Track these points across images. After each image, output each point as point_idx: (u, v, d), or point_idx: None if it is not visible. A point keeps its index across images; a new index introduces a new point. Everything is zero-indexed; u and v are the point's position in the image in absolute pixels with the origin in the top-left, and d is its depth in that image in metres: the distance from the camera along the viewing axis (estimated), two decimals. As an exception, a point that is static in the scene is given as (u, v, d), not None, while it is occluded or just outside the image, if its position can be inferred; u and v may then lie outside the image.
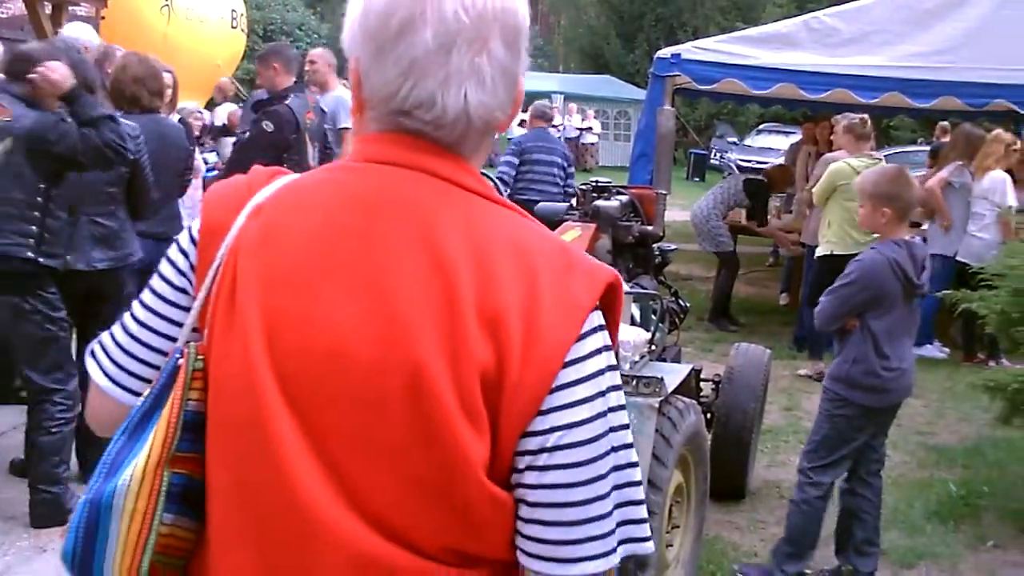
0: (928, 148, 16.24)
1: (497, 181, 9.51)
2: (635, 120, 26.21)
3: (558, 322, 1.51)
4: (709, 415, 6.12)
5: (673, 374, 4.65)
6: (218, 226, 1.62)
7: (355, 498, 1.51)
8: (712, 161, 33.47)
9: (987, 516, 6.35)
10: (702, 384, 6.33)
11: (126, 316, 1.72)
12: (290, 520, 1.51)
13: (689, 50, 11.24)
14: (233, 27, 15.25)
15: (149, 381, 1.66)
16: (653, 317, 5.30)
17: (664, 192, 6.53)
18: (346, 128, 9.33)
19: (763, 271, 15.16)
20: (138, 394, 1.66)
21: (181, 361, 1.60)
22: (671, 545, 4.78)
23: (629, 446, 1.60)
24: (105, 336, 1.73)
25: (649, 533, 1.63)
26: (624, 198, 6.33)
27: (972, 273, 7.15)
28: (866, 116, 9.09)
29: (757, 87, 11.33)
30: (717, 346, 10.12)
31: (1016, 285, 6.25)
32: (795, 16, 12.24)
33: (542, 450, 1.51)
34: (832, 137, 10.60)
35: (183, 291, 1.67)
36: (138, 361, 1.69)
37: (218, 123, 12.57)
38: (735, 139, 36.66)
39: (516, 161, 10.85)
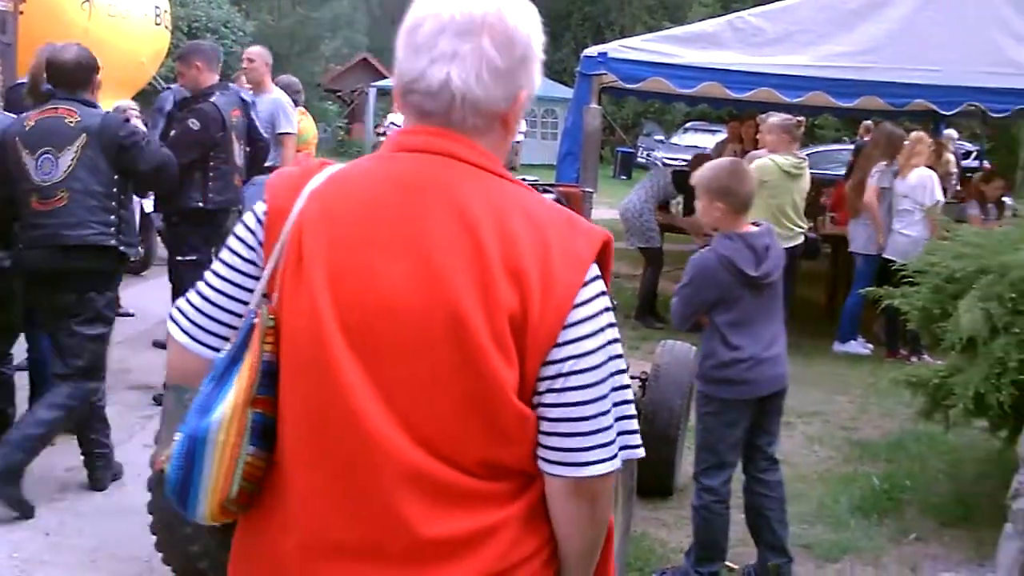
0: (852, 147, 16.46)
1: None
2: (562, 118, 26.26)
3: (566, 272, 1.92)
4: (636, 412, 6.13)
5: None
6: (281, 208, 2.01)
7: (407, 423, 1.90)
8: (639, 159, 33.77)
9: (909, 510, 6.43)
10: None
11: (201, 286, 2.12)
12: (353, 442, 1.90)
13: (616, 49, 11.24)
14: (157, 24, 15.00)
15: (225, 339, 2.06)
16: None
17: (591, 190, 6.54)
18: (286, 133, 9.25)
19: (690, 269, 15.26)
20: (216, 349, 2.06)
21: (256, 320, 1.99)
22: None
23: (624, 371, 2.05)
24: (181, 303, 2.13)
25: (640, 442, 2.07)
26: (551, 196, 6.34)
27: (895, 270, 7.24)
28: (802, 118, 9.17)
29: (683, 86, 11.37)
30: (644, 344, 10.15)
31: (936, 282, 6.34)
32: (721, 16, 12.30)
33: (559, 375, 1.93)
34: (758, 135, 10.70)
35: (253, 263, 2.06)
36: (216, 322, 2.09)
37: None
38: (662, 137, 36.93)
39: None
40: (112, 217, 5.86)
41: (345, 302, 1.91)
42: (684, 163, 29.11)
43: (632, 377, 6.31)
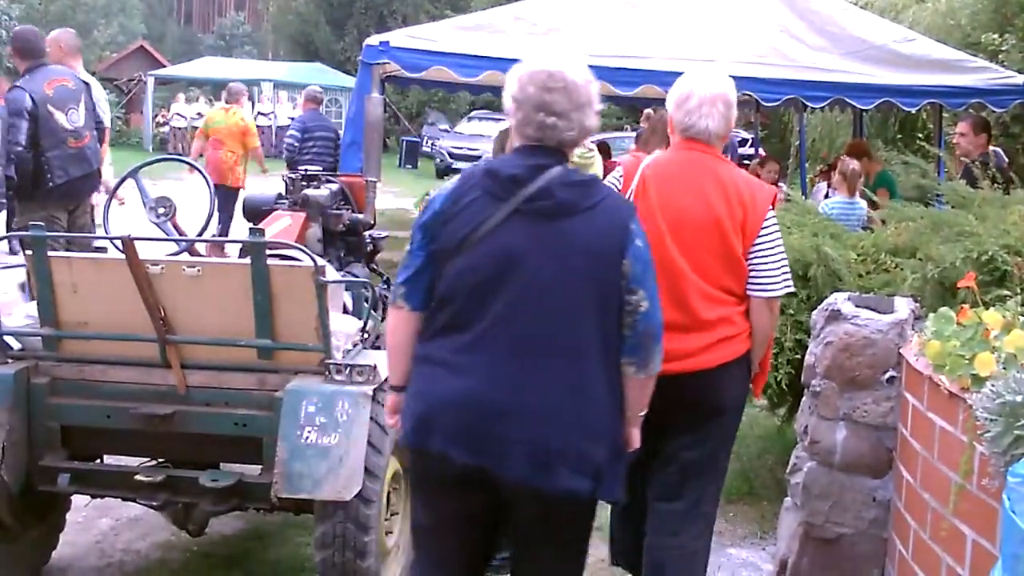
0: (635, 134, 16.76)
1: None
2: (346, 108, 26.06)
3: (762, 206, 4.26)
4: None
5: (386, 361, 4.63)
6: (631, 173, 4.38)
7: (697, 268, 4.18)
8: (424, 148, 33.74)
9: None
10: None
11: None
12: (679, 281, 4.15)
13: (398, 37, 11.20)
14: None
15: None
16: (366, 305, 5.27)
17: (374, 179, 6.51)
18: None
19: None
20: None
21: None
22: (391, 532, 4.77)
23: (783, 251, 4.35)
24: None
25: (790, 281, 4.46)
26: (334, 186, 6.28)
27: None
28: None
29: (465, 74, 11.39)
30: (433, 332, 10.15)
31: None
32: (502, 6, 12.38)
33: (758, 249, 4.24)
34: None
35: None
36: None
37: None
38: (447, 126, 37.02)
39: (300, 136, 13.28)
40: None
41: (666, 217, 4.20)
42: (469, 152, 29.34)
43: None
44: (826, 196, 11.08)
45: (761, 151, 18.07)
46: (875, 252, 5.93)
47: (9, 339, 4.59)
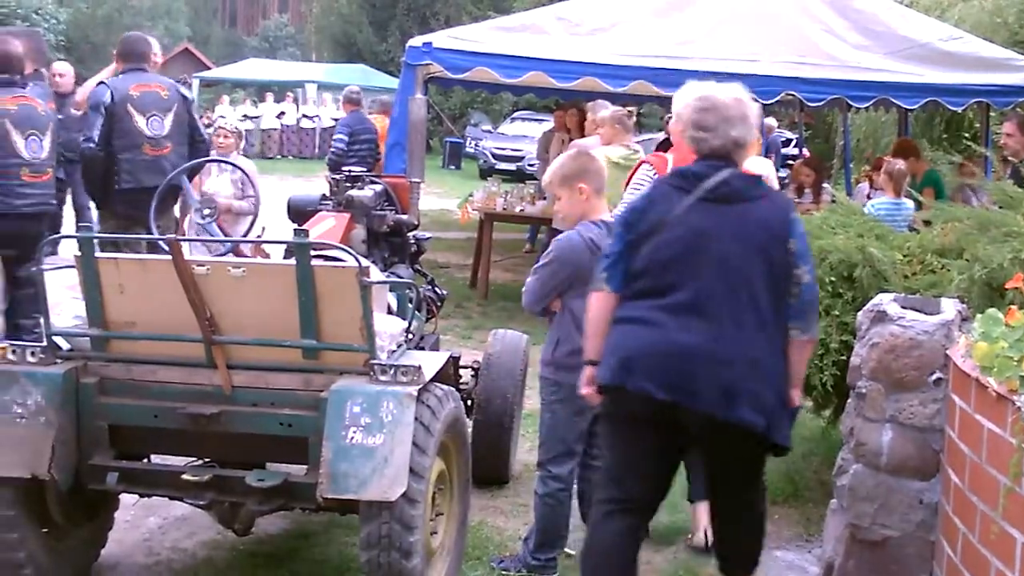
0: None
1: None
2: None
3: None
4: (469, 402, 6.14)
5: (431, 362, 4.64)
6: (661, 168, 5.52)
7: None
8: (467, 149, 33.78)
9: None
10: (461, 371, 6.35)
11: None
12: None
13: (441, 38, 11.24)
14: (-36, 12, 14.42)
15: None
16: (410, 306, 5.28)
17: (418, 180, 6.53)
18: None
19: (520, 257, 15.31)
20: None
21: None
22: (435, 533, 4.77)
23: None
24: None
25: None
26: (378, 187, 6.29)
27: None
28: (632, 109, 9.28)
29: (508, 75, 11.43)
30: (476, 333, 10.19)
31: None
32: (545, 6, 12.39)
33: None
34: (585, 124, 10.77)
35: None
36: None
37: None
38: (489, 127, 37.00)
39: (347, 140, 13.49)
40: None
41: None
42: (512, 153, 29.32)
43: (465, 367, 6.33)
44: (868, 196, 11.01)
45: (805, 151, 17.99)
46: (921, 253, 5.87)
47: (58, 339, 4.64)
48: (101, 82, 7.67)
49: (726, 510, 4.51)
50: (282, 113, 36.03)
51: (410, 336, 4.87)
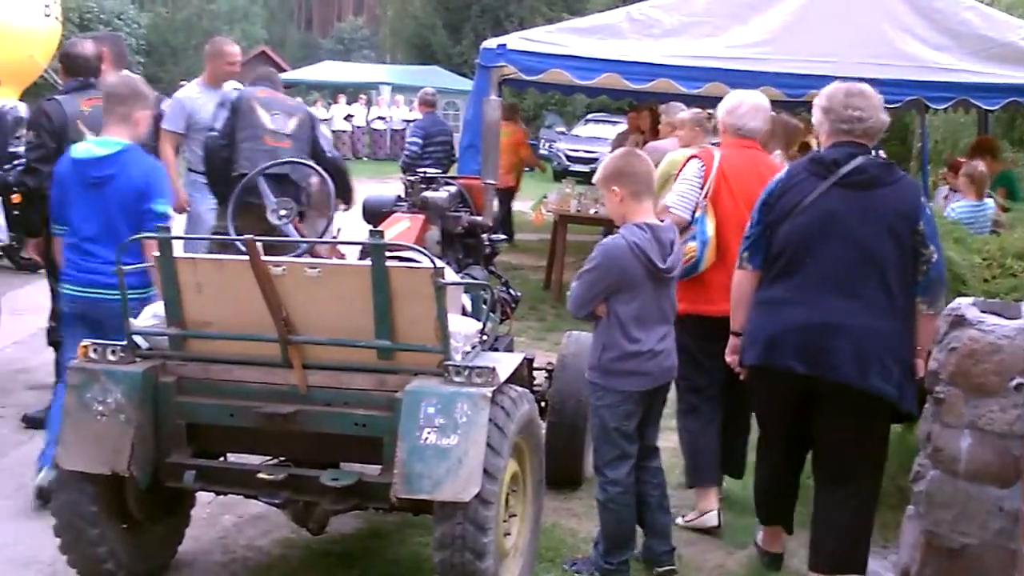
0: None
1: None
2: (463, 111, 26.24)
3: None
4: (543, 404, 6.14)
5: (505, 363, 4.64)
6: (709, 162, 5.71)
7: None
8: (541, 151, 33.77)
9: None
10: (535, 373, 6.35)
11: (682, 189, 5.79)
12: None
13: (515, 40, 11.25)
14: (47, 15, 14.59)
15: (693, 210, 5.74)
16: (484, 307, 5.29)
17: (492, 182, 6.54)
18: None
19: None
20: (692, 213, 5.76)
21: (706, 203, 5.65)
22: (509, 534, 4.78)
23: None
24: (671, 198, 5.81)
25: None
26: (453, 188, 6.31)
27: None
28: (711, 111, 9.23)
29: (582, 77, 11.42)
30: (549, 335, 10.18)
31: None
32: (619, 7, 12.36)
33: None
34: (659, 126, 10.73)
35: (700, 180, 5.72)
36: (690, 202, 5.77)
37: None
38: (563, 129, 36.98)
39: (422, 142, 13.78)
40: None
41: (742, 198, 5.42)
42: (586, 155, 29.26)
43: (538, 369, 6.33)
44: (944, 198, 10.88)
45: (881, 153, 17.78)
46: (1001, 256, 5.81)
47: (138, 338, 4.71)
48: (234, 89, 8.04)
49: (836, 474, 5.02)
50: (350, 116, 36.27)
51: (484, 337, 4.88)
